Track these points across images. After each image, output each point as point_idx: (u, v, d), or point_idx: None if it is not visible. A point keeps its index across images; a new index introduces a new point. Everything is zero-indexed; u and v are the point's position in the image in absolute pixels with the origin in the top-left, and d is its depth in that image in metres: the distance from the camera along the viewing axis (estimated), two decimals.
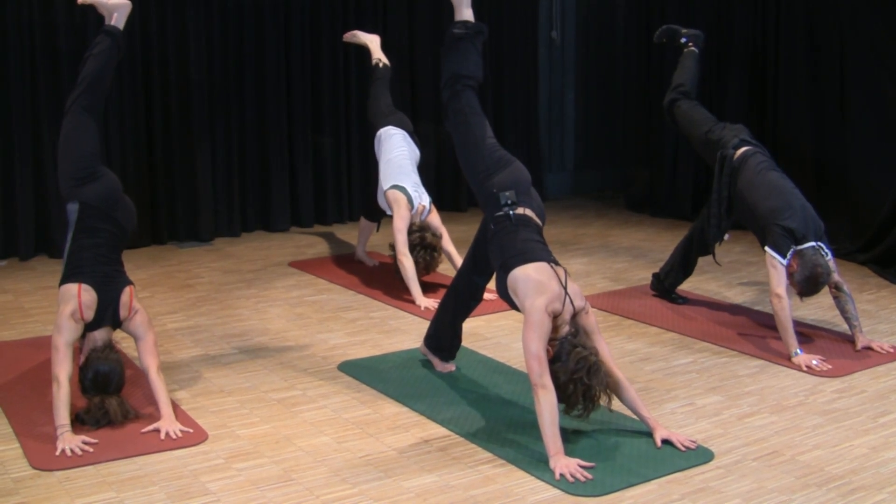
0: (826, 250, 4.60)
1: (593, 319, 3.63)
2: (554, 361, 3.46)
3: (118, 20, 4.18)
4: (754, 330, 5.00)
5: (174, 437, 3.64)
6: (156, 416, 3.77)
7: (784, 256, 4.58)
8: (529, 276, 3.58)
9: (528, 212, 3.84)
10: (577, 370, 3.40)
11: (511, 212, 3.80)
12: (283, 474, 3.39)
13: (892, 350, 4.63)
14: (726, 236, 5.21)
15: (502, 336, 4.91)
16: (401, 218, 5.53)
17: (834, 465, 3.46)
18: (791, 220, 4.62)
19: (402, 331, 5.03)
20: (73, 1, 4.32)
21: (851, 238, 6.52)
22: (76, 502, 3.19)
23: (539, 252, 3.69)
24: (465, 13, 4.02)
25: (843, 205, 6.66)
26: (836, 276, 4.66)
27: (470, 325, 4.59)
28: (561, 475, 3.32)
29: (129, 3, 4.23)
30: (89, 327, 3.86)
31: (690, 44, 5.59)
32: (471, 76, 3.97)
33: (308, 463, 3.49)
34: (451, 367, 4.43)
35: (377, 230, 6.50)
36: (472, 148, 3.95)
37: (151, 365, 3.84)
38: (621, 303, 5.51)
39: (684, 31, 5.66)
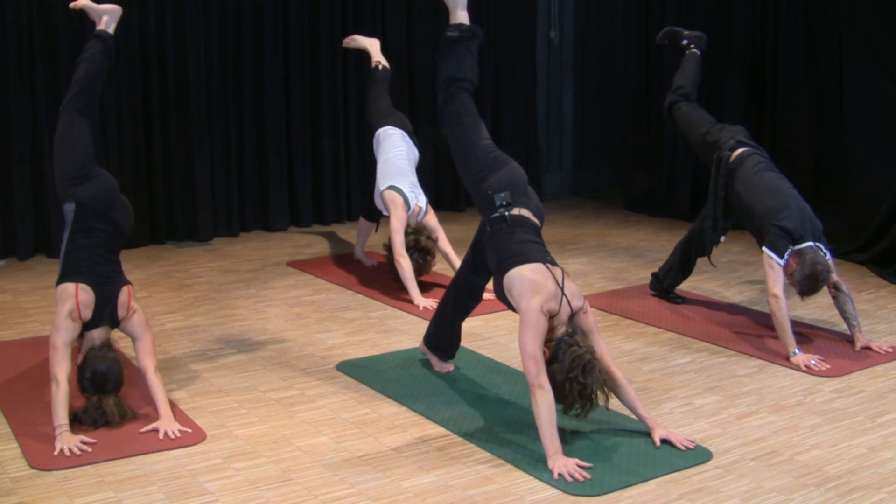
0: (825, 250, 4.60)
1: (592, 319, 3.62)
2: (551, 362, 3.45)
3: (108, 24, 4.23)
4: (753, 329, 5.00)
5: (172, 436, 3.64)
6: (154, 416, 3.77)
7: (781, 256, 4.58)
8: (525, 277, 3.58)
9: (525, 212, 3.84)
10: (573, 369, 3.40)
11: (506, 213, 3.80)
12: (282, 474, 3.39)
13: (890, 350, 4.63)
14: (723, 238, 5.21)
15: (501, 336, 4.91)
16: (397, 219, 5.53)
17: (832, 465, 3.46)
18: (788, 220, 4.62)
19: (401, 331, 5.03)
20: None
21: (850, 238, 6.52)
22: (75, 502, 3.18)
23: (535, 252, 3.68)
24: (460, 16, 4.01)
25: (842, 204, 6.66)
26: (834, 276, 4.67)
27: (468, 325, 4.59)
28: (559, 475, 3.32)
29: (120, 7, 4.28)
30: (87, 326, 3.86)
31: (692, 45, 5.61)
32: (466, 79, 3.97)
33: (306, 463, 3.48)
34: (449, 366, 4.43)
35: (376, 230, 6.50)
36: (467, 150, 3.95)
37: (149, 365, 3.84)
38: (620, 302, 5.51)
39: (686, 32, 5.68)
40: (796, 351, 4.49)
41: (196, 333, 4.98)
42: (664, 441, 3.58)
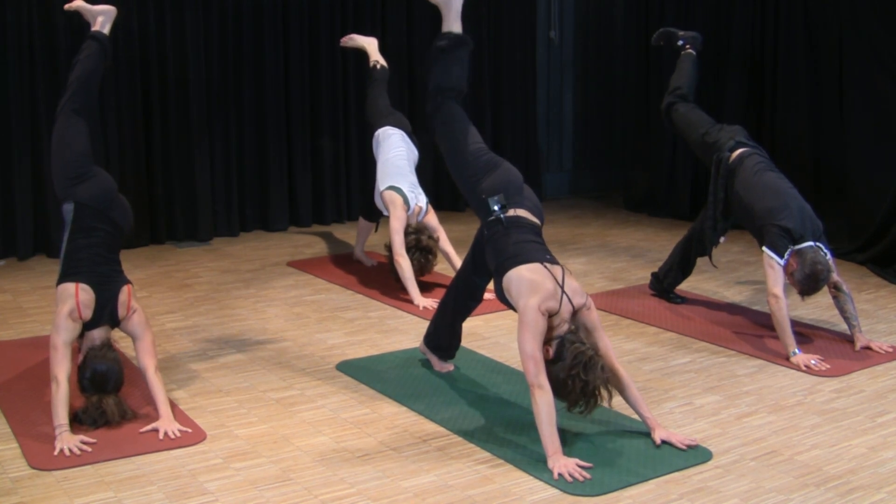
0: (825, 250, 4.60)
1: (595, 316, 3.62)
2: (555, 360, 3.45)
3: (103, 25, 4.25)
4: (752, 329, 5.00)
5: (172, 436, 3.64)
6: (154, 416, 3.77)
7: (781, 256, 4.58)
8: (523, 277, 3.58)
9: (521, 211, 3.83)
10: (575, 366, 3.39)
11: (502, 215, 3.80)
12: (282, 474, 3.39)
13: (890, 350, 4.63)
14: (722, 238, 5.21)
15: (501, 336, 4.91)
16: (397, 219, 5.53)
17: (832, 465, 3.46)
18: (788, 219, 4.62)
19: (401, 330, 5.03)
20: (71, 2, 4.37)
21: (850, 238, 6.52)
22: (74, 502, 3.18)
23: (533, 252, 3.68)
24: (453, 25, 4.01)
25: (842, 205, 6.66)
26: (835, 276, 4.67)
27: (468, 325, 4.59)
28: (559, 475, 3.32)
29: (114, 8, 4.30)
30: (87, 326, 3.86)
31: (688, 46, 5.61)
32: (453, 88, 3.97)
33: (306, 462, 3.48)
34: (449, 366, 4.43)
35: (376, 230, 6.50)
36: (458, 155, 3.97)
37: (149, 365, 3.84)
38: (620, 302, 5.51)
39: (681, 33, 5.68)
40: (796, 351, 4.49)
41: (196, 333, 4.98)
42: (664, 441, 3.58)
